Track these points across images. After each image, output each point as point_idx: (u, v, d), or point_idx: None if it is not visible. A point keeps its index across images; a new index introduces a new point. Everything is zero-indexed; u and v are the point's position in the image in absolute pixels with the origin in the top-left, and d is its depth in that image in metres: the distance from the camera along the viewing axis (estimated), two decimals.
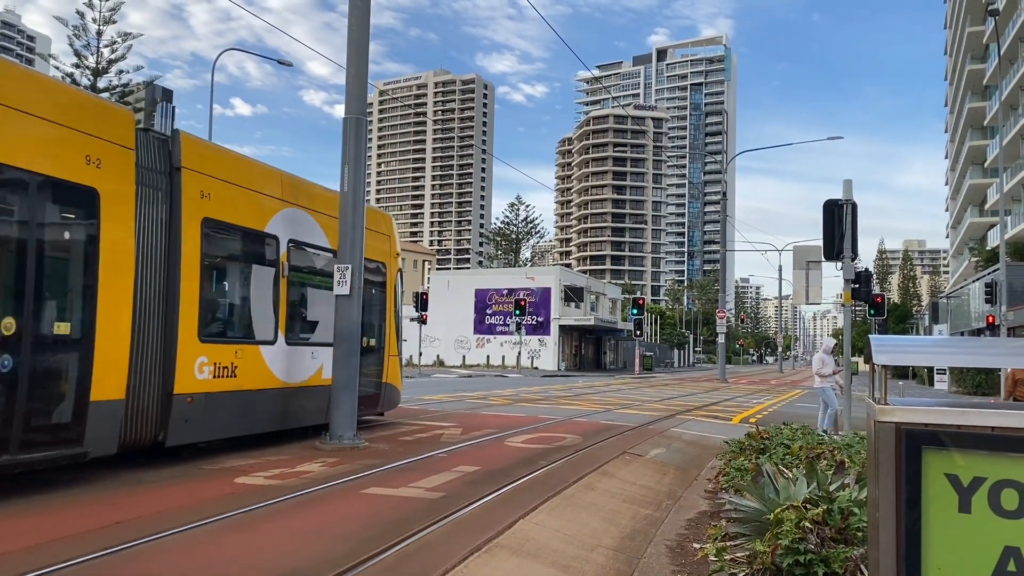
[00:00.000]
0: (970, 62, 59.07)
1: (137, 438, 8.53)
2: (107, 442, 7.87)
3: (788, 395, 30.31)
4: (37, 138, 7.21)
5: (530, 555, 5.78)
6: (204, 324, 9.45)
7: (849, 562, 4.57)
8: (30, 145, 7.13)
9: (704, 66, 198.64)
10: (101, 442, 7.79)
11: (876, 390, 2.77)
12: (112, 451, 7.98)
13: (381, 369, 13.82)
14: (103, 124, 7.98)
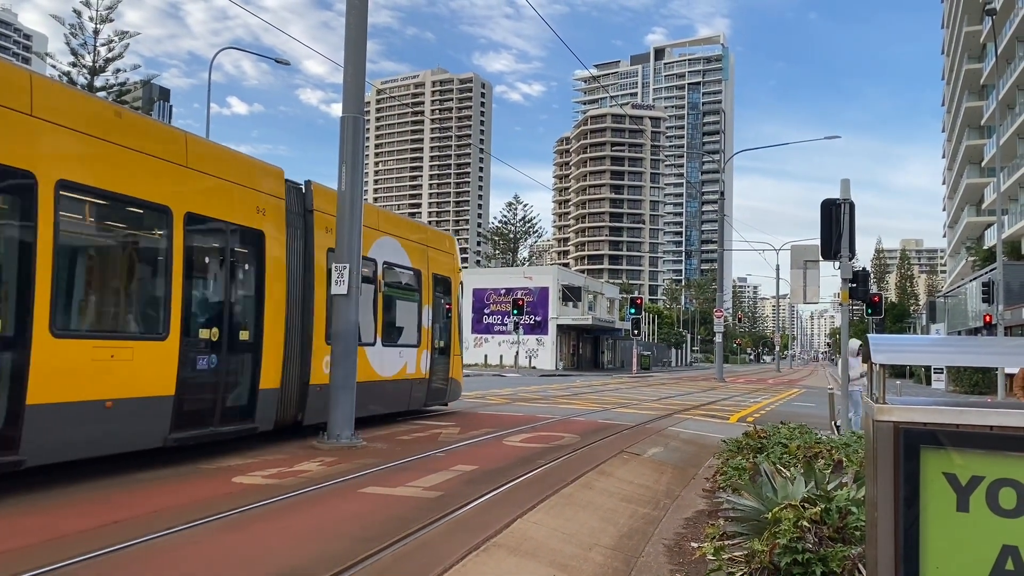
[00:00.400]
0: (967, 62, 59.13)
1: (285, 418, 11.08)
2: (268, 420, 10.50)
3: (785, 394, 30.35)
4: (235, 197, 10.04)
5: (528, 554, 5.78)
6: (329, 331, 11.61)
7: (847, 561, 4.57)
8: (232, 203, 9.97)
9: (702, 65, 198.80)
10: (266, 420, 10.45)
11: (874, 389, 2.77)
12: (270, 428, 10.64)
13: (448, 367, 16.48)
14: (267, 182, 10.68)
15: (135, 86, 51.09)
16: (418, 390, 15.15)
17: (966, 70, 59.02)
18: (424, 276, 15.47)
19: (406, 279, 14.84)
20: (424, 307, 15.39)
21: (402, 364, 14.42)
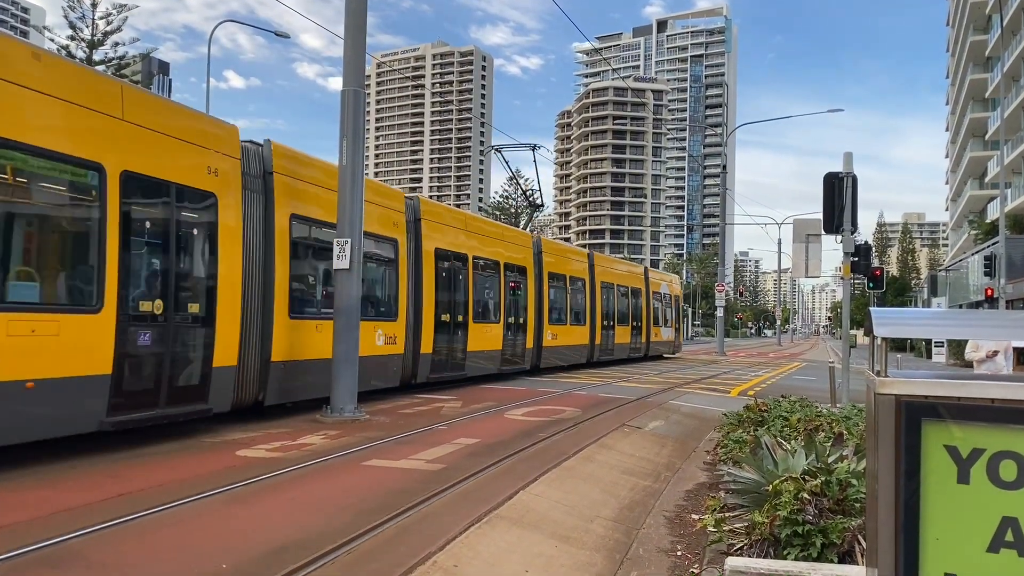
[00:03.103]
0: (972, 33, 58.55)
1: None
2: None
3: (786, 368, 30.43)
4: None
5: (530, 526, 5.83)
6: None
7: (847, 532, 4.61)
8: None
9: (704, 37, 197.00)
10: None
11: (876, 363, 2.78)
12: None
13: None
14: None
15: (134, 60, 50.74)
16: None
17: (971, 42, 58.45)
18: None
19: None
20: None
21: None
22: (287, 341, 10.99)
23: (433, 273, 15.17)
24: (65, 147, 7.57)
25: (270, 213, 10.83)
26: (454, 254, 16.26)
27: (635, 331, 28.85)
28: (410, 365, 14.50)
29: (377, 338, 12.79)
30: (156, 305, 8.61)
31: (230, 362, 9.73)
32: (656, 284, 32.48)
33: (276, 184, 10.94)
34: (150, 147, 8.63)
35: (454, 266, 16.26)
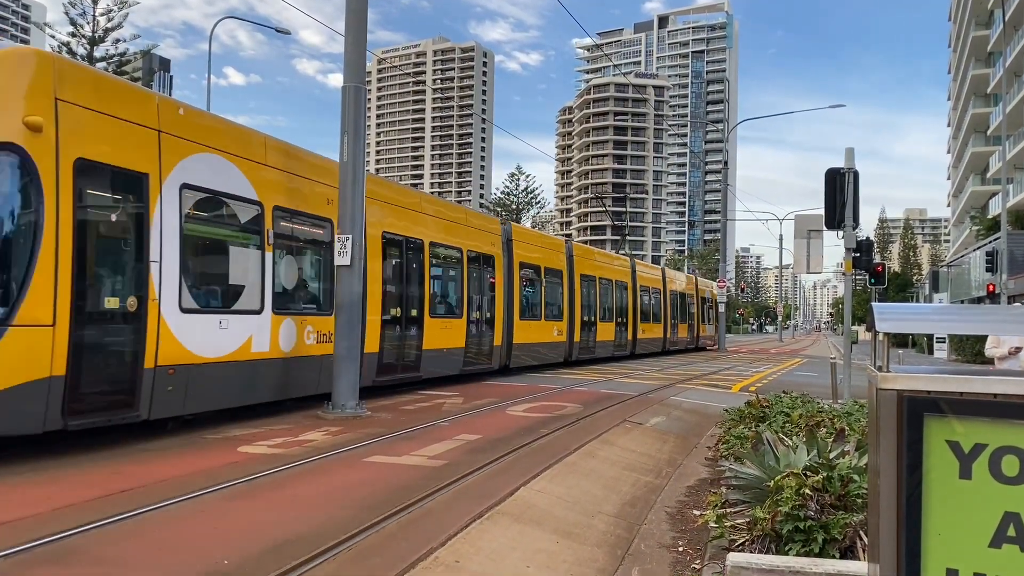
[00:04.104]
0: (974, 28, 58.43)
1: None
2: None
3: (788, 364, 30.42)
4: None
5: (532, 522, 5.84)
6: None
7: (849, 528, 4.61)
8: None
9: (706, 33, 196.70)
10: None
11: (878, 358, 2.78)
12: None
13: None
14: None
15: (135, 56, 50.71)
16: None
17: (973, 37, 58.33)
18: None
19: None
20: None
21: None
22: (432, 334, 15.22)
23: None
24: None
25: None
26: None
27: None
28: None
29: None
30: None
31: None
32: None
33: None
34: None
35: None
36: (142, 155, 8.64)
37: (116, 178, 8.38)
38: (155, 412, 8.62)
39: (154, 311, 8.60)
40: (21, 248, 7.35)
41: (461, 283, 16.88)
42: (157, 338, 8.63)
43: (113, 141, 8.30)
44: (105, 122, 8.24)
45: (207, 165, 9.63)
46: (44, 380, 7.28)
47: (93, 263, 8.04)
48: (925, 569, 2.54)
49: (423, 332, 14.90)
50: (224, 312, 9.96)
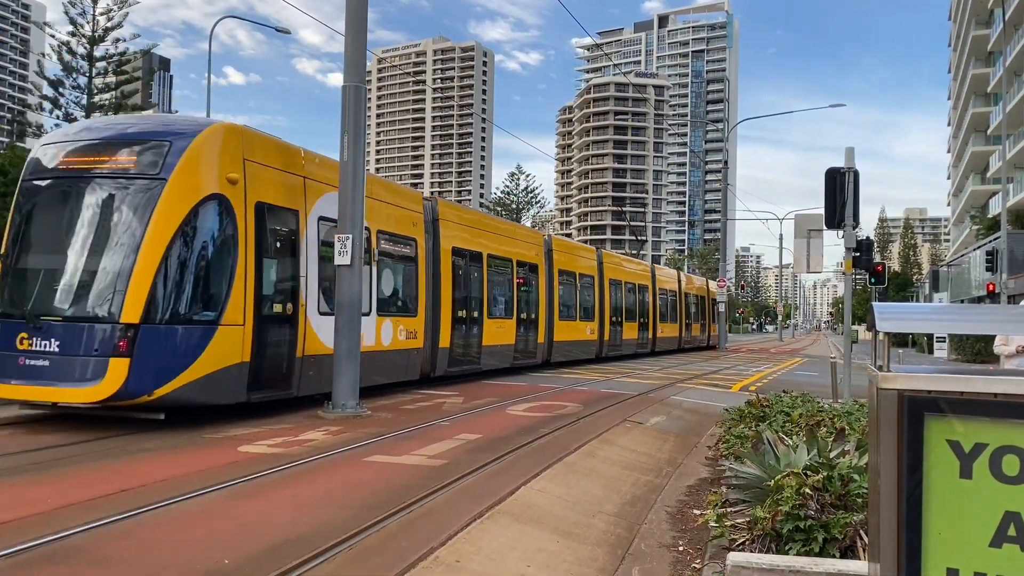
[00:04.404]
0: (974, 28, 58.42)
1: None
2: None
3: (788, 363, 30.43)
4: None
5: (532, 521, 5.84)
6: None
7: (849, 528, 4.61)
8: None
9: (706, 33, 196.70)
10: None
11: (878, 357, 2.78)
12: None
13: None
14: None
15: (135, 56, 50.66)
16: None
17: (973, 36, 58.32)
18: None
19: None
20: None
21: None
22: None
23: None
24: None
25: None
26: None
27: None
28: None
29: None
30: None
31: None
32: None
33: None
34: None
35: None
36: (294, 196, 11.29)
37: (279, 215, 10.95)
38: (301, 390, 11.30)
39: (302, 314, 11.24)
40: (225, 270, 9.90)
41: (511, 288, 19.42)
42: (304, 334, 11.26)
43: (277, 187, 10.92)
44: (272, 173, 10.88)
45: (334, 201, 11.70)
46: (238, 364, 9.93)
47: (265, 278, 10.56)
48: (925, 568, 2.54)
49: (483, 331, 17.60)
50: (331, 315, 11.69)
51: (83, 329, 9.20)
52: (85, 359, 9.03)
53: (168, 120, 11.07)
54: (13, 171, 31.67)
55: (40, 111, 48.71)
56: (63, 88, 47.37)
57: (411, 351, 14.55)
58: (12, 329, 9.30)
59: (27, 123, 50.72)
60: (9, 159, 32.68)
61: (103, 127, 10.83)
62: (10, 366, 9.18)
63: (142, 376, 8.98)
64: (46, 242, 9.90)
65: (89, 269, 9.45)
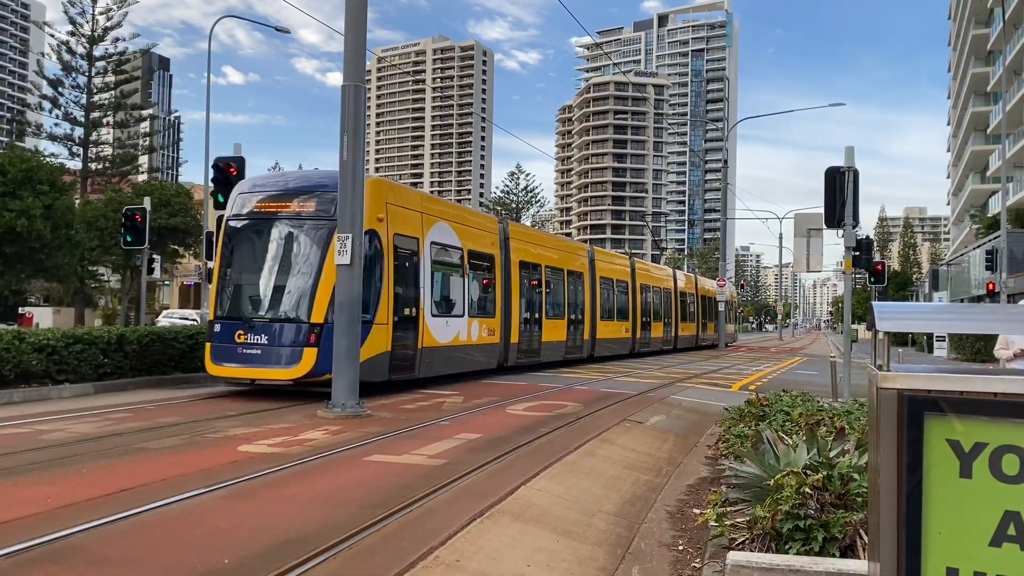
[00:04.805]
0: (974, 27, 58.44)
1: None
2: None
3: (788, 362, 30.43)
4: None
5: (532, 520, 5.84)
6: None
7: (849, 527, 4.61)
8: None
9: (705, 32, 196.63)
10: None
11: (878, 357, 2.78)
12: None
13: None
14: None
15: (134, 55, 50.66)
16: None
17: (973, 35, 58.34)
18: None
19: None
20: None
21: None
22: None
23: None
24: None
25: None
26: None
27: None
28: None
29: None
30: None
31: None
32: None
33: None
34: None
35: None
36: (416, 227, 14.87)
37: (407, 241, 14.48)
38: (421, 373, 14.85)
39: (422, 316, 14.83)
40: (377, 284, 13.36)
41: (563, 293, 22.86)
42: (423, 331, 14.86)
43: (406, 221, 14.48)
44: (403, 211, 14.47)
45: (440, 229, 15.85)
46: (385, 353, 13.52)
47: (400, 289, 14.10)
48: (925, 568, 2.54)
49: (542, 329, 21.14)
50: (448, 316, 16.18)
51: (284, 327, 12.79)
52: (286, 349, 12.60)
53: (332, 174, 13.06)
54: (12, 171, 31.73)
55: (40, 110, 48.73)
56: (63, 87, 47.39)
57: (491, 345, 18.32)
58: (231, 328, 12.84)
59: (27, 122, 50.75)
60: (9, 159, 32.65)
61: (285, 180, 14.62)
62: (231, 354, 12.72)
63: (326, 361, 11.90)
64: (250, 264, 13.67)
65: (285, 284, 13.29)
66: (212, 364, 12.95)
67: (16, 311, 48.34)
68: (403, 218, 14.36)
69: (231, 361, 12.71)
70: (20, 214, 30.76)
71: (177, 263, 46.44)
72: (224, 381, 13.42)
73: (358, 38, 11.59)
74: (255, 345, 12.65)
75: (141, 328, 15.42)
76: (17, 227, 30.55)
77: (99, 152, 49.22)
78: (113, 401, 12.08)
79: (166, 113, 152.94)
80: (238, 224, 13.79)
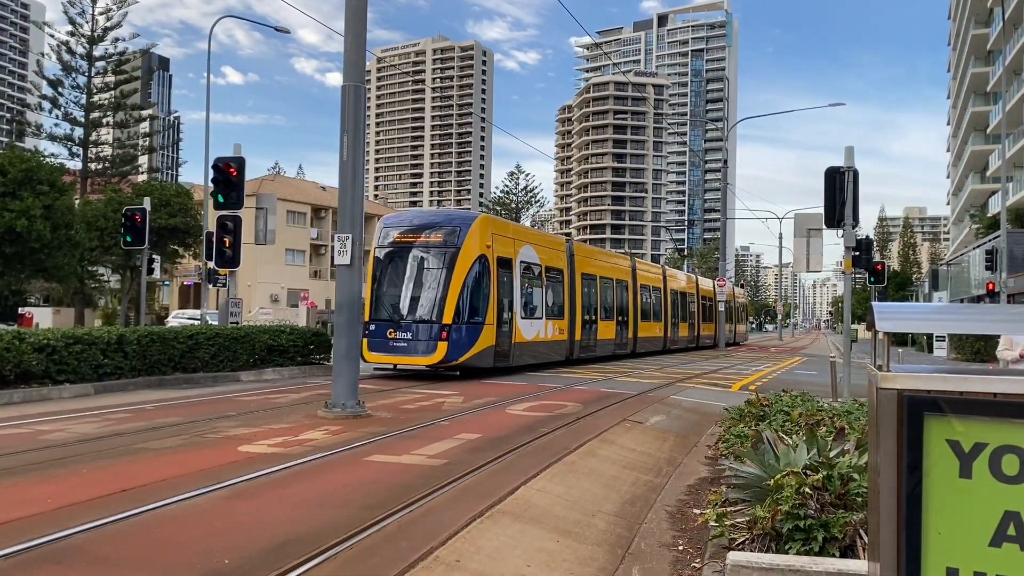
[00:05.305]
0: (974, 27, 58.41)
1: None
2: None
3: (788, 362, 30.43)
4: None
5: (532, 521, 5.84)
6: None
7: (848, 527, 4.61)
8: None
9: (705, 32, 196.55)
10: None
11: (878, 357, 2.78)
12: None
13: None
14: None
15: (134, 56, 50.66)
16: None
17: (972, 35, 58.31)
18: None
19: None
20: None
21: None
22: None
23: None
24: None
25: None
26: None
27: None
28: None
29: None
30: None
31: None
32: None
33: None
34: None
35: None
36: (510, 250, 19.44)
37: (505, 262, 19.00)
38: (514, 363, 19.33)
39: (515, 318, 19.35)
40: (486, 295, 17.86)
41: (613, 299, 27.40)
42: (515, 330, 19.32)
43: (504, 245, 19.04)
44: (502, 239, 19.09)
45: (526, 250, 20.53)
46: (491, 347, 18.03)
47: (501, 298, 18.57)
48: (925, 568, 2.54)
49: (597, 329, 25.46)
50: (532, 319, 20.66)
51: (423, 326, 17.41)
52: (425, 342, 17.28)
53: (453, 213, 19.75)
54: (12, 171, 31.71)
55: (39, 111, 48.71)
56: (62, 88, 47.38)
57: (561, 342, 22.67)
58: (384, 327, 17.60)
59: (26, 123, 50.73)
60: (9, 159, 32.63)
61: (419, 217, 19.87)
62: (384, 346, 17.50)
63: (453, 351, 17.15)
64: (395, 280, 18.13)
65: (423, 295, 17.82)
66: (369, 353, 17.35)
67: (16, 311, 48.31)
68: (502, 244, 19.02)
69: (383, 351, 17.51)
70: (20, 214, 30.74)
71: (177, 263, 46.39)
72: (374, 367, 18.41)
73: (358, 38, 11.58)
74: (402, 340, 17.34)
75: (141, 328, 15.43)
76: (17, 227, 30.53)
77: (99, 152, 49.22)
78: (113, 401, 12.09)
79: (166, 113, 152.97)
80: (383, 251, 18.55)
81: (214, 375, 15.87)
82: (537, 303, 21.08)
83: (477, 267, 17.67)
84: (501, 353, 18.51)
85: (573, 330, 23.14)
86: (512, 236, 19.91)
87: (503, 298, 18.59)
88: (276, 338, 17.80)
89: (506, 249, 19.04)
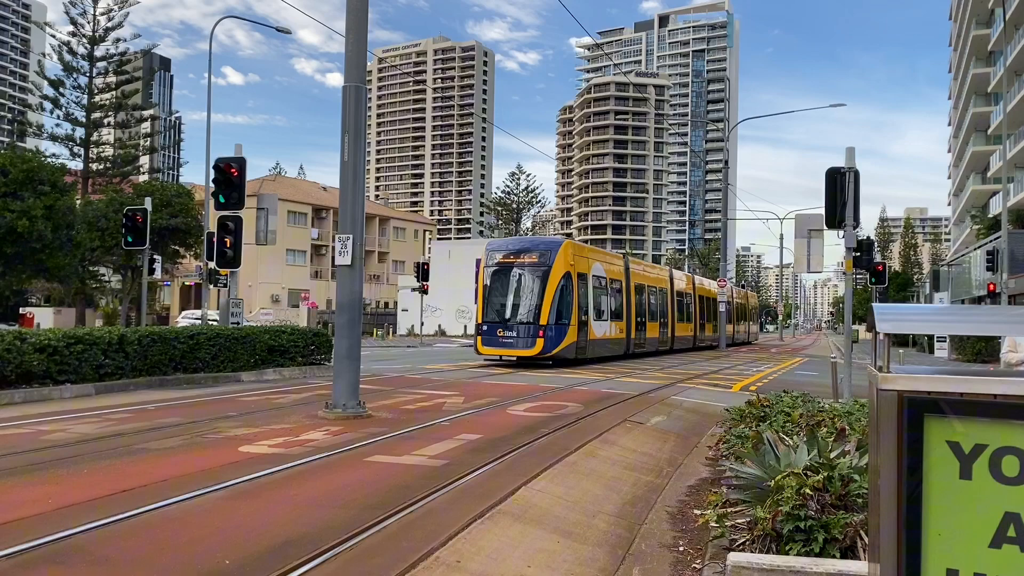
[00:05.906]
0: (975, 27, 58.35)
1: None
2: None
3: (789, 363, 30.42)
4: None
5: (533, 521, 5.84)
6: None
7: (849, 528, 4.61)
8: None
9: (706, 32, 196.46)
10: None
11: (879, 358, 2.78)
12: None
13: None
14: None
15: (135, 56, 50.69)
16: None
17: (974, 35, 58.25)
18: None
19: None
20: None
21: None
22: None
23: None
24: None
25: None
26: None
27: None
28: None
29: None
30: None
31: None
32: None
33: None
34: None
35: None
36: (586, 267, 24.67)
37: (582, 276, 24.18)
38: (589, 355, 24.37)
39: (589, 320, 24.54)
40: (571, 303, 23.23)
41: (657, 304, 32.99)
42: (591, 329, 24.60)
43: (581, 263, 24.27)
44: (581, 258, 24.60)
45: (596, 267, 25.66)
46: (574, 343, 23.34)
47: (580, 305, 23.69)
48: (925, 569, 2.54)
49: (646, 328, 30.96)
50: (601, 320, 25.77)
51: (525, 326, 22.70)
52: (526, 339, 22.55)
53: (544, 239, 26.74)
54: (13, 171, 31.74)
55: (41, 111, 48.76)
56: (64, 88, 47.42)
57: (621, 340, 27.95)
58: (495, 327, 23.13)
59: (28, 123, 50.77)
60: (10, 159, 32.66)
61: (517, 243, 25.86)
62: (495, 341, 23.07)
63: (548, 345, 22.39)
64: (501, 291, 23.54)
65: (524, 303, 23.07)
66: (482, 347, 23.51)
67: (17, 311, 48.34)
68: (580, 262, 24.31)
69: (494, 346, 23.23)
70: (21, 214, 30.77)
71: (178, 263, 46.43)
72: (484, 358, 24.22)
73: (359, 39, 11.59)
74: (509, 337, 22.92)
75: (142, 328, 15.44)
76: (18, 227, 30.56)
77: (100, 152, 49.26)
78: (114, 401, 12.10)
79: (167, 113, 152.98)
80: (491, 270, 23.94)
81: (215, 375, 15.88)
82: (604, 308, 26.40)
83: (564, 281, 22.97)
84: (580, 347, 23.58)
85: (630, 329, 28.59)
86: (587, 256, 25.63)
87: (582, 304, 23.78)
88: (277, 338, 17.81)
89: (583, 266, 24.43)
